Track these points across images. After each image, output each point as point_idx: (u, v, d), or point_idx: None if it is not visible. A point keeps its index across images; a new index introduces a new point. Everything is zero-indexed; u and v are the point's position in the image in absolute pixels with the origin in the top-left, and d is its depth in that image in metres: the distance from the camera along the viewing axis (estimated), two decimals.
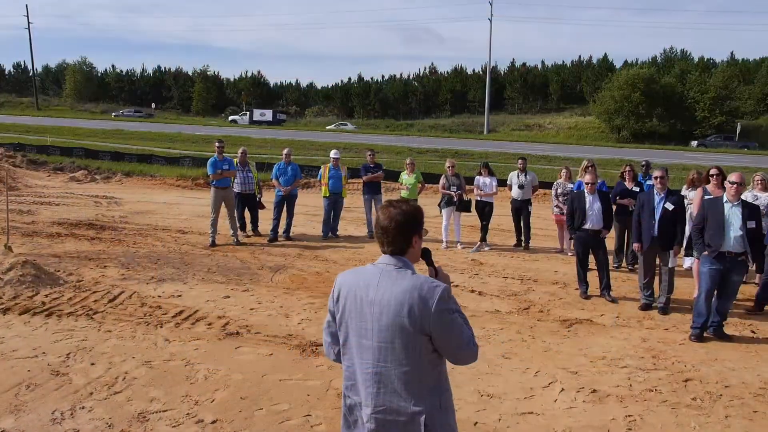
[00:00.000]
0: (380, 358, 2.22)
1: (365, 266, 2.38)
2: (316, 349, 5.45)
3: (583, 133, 57.40)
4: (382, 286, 2.22)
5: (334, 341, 2.43)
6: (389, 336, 2.19)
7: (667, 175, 6.90)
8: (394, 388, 2.21)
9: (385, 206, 2.33)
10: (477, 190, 10.32)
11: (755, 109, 56.81)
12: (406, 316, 2.16)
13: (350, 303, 2.29)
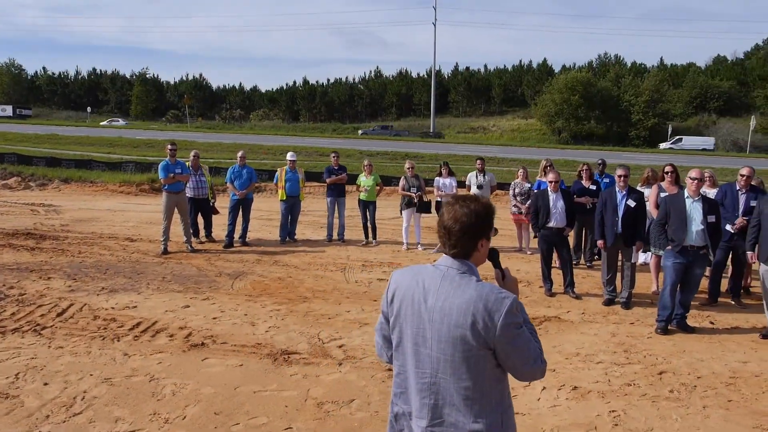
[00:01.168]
0: (439, 369, 2.03)
1: (423, 266, 2.18)
2: (288, 358, 5.23)
3: (526, 135, 58.97)
4: (444, 292, 2.03)
5: (386, 344, 2.24)
6: (449, 348, 2.00)
7: (629, 173, 7.03)
8: (453, 402, 2.03)
9: (451, 203, 2.12)
10: (437, 190, 10.29)
11: (684, 111, 59.85)
12: (469, 329, 1.96)
13: (406, 306, 2.10)
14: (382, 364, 5.11)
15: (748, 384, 4.85)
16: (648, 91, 56.54)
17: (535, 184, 9.31)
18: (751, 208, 6.88)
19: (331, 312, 6.65)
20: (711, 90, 62.07)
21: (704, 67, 72.83)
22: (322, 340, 5.72)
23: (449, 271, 2.07)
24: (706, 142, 49.38)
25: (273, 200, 16.37)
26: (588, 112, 56.97)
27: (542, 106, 58.07)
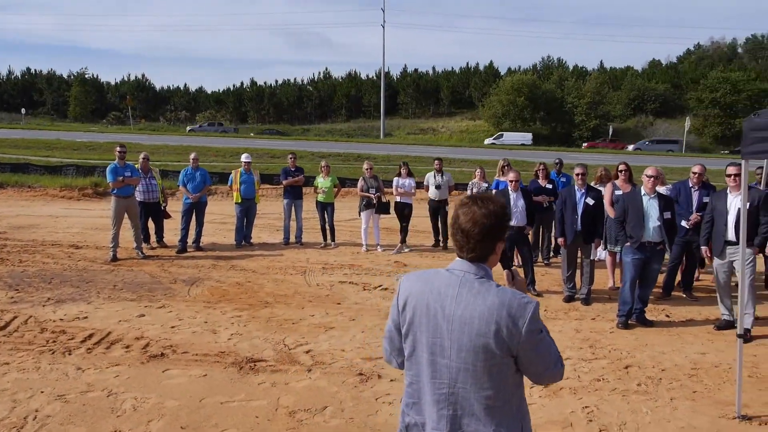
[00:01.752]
0: (458, 379, 1.93)
1: (436, 271, 2.05)
2: (254, 366, 5.04)
3: (474, 136, 59.84)
4: (463, 299, 1.92)
5: (396, 351, 2.13)
6: (470, 357, 1.90)
7: (587, 172, 7.17)
8: (473, 411, 1.93)
9: (467, 204, 1.99)
10: (396, 191, 10.24)
11: (623, 112, 62.12)
12: (493, 337, 1.86)
13: (420, 315, 1.99)
14: (352, 369, 5.01)
15: (709, 375, 5.00)
16: (590, 93, 58.37)
17: (493, 183, 9.39)
18: (704, 204, 7.14)
19: (295, 317, 6.49)
20: (648, 92, 64.68)
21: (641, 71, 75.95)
22: (288, 346, 5.56)
23: (466, 276, 1.95)
24: (525, 138, 50.76)
25: (225, 203, 15.98)
26: (533, 114, 58.35)
27: (489, 107, 59.10)
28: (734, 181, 5.94)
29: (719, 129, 56.64)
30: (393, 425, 4.04)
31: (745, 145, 3.93)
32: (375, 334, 5.92)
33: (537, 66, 74.38)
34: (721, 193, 6.19)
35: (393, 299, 2.12)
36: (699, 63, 74.66)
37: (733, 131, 56.51)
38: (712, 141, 57.13)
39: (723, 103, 56.31)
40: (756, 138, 3.79)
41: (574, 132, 58.70)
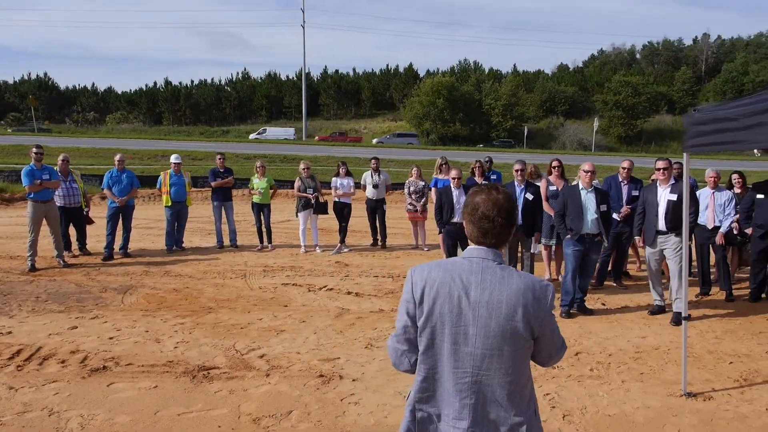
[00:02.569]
0: (482, 366, 1.92)
1: (452, 260, 2.02)
2: (208, 374, 4.82)
3: None
4: (488, 285, 1.91)
5: (411, 349, 2.04)
6: (497, 342, 1.90)
7: (525, 168, 7.40)
8: (495, 398, 1.93)
9: (485, 191, 2.01)
10: (335, 191, 10.15)
11: (536, 114, 64.99)
12: (521, 321, 1.88)
13: (442, 304, 1.94)
14: (311, 372, 4.89)
15: (652, 357, 5.29)
16: (505, 95, 60.67)
17: (432, 181, 9.50)
18: (632, 197, 7.57)
19: (242, 321, 6.26)
20: (558, 95, 68.05)
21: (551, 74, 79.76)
22: (240, 352, 5.35)
23: (487, 263, 1.96)
24: (287, 133, 51.31)
25: (150, 207, 15.25)
26: (453, 115, 59.83)
27: (410, 108, 60.00)
28: (663, 174, 6.33)
29: (623, 129, 60.53)
30: (362, 425, 3.99)
31: (687, 140, 4.18)
32: (328, 336, 5.82)
33: (455, 68, 76.30)
34: (651, 186, 6.58)
35: (405, 295, 2.04)
36: (603, 67, 79.37)
37: (635, 131, 60.64)
38: (616, 140, 60.89)
39: (625, 105, 60.19)
40: (697, 132, 4.05)
41: (492, 132, 60.75)
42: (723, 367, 5.07)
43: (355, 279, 8.22)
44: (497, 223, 1.96)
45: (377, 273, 8.57)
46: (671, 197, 6.25)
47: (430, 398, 2.01)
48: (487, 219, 1.96)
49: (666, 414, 4.17)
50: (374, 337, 5.82)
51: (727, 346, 5.59)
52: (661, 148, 57.03)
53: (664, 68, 78.19)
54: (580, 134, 59.71)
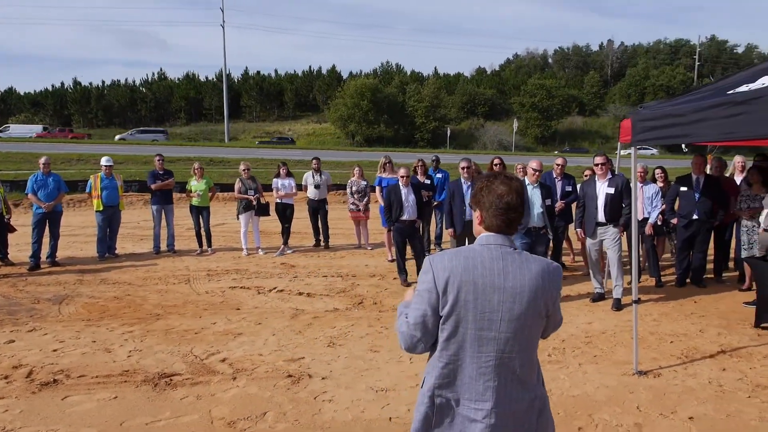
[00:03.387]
0: (506, 348, 1.98)
1: (469, 248, 2.05)
2: (170, 380, 4.64)
3: (321, 139, 60.36)
4: (510, 271, 1.97)
5: (426, 337, 2.04)
6: (520, 325, 1.97)
7: (472, 165, 7.63)
8: (514, 378, 2.00)
9: (504, 181, 2.04)
10: (276, 192, 10.01)
11: (458, 115, 66.73)
12: (542, 301, 1.98)
13: (467, 292, 1.96)
14: (279, 372, 4.83)
15: (601, 340, 5.62)
16: (428, 97, 61.88)
17: (375, 180, 9.58)
18: (566, 192, 7.98)
19: (195, 326, 6.07)
20: (477, 97, 70.26)
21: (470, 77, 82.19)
22: (199, 357, 5.19)
23: (504, 249, 2.02)
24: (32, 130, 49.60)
25: (71, 213, 14.39)
26: (377, 117, 60.34)
27: (335, 110, 59.94)
28: (601, 169, 6.73)
29: (539, 130, 63.35)
30: (341, 422, 3.99)
31: (635, 134, 4.49)
32: (288, 336, 5.76)
33: (378, 71, 76.98)
34: (590, 180, 6.97)
35: (425, 285, 2.03)
36: (518, 71, 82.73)
37: (550, 132, 63.63)
38: (533, 141, 63.63)
39: (541, 107, 63.03)
40: (645, 127, 4.36)
41: (416, 134, 61.77)
42: (666, 346, 5.46)
43: (305, 280, 8.15)
44: (519, 213, 2.05)
45: (325, 273, 8.54)
46: (609, 190, 6.66)
47: (450, 384, 2.05)
48: (513, 210, 2.03)
49: (623, 391, 4.45)
50: (335, 335, 5.81)
51: (665, 327, 6.03)
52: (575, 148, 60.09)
53: (574, 72, 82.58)
54: (499, 135, 61.89)
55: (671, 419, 3.97)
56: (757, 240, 6.78)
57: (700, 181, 7.42)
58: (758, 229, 6.74)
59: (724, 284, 7.82)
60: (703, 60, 75.49)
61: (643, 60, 76.58)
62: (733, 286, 7.68)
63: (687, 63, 74.50)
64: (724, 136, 3.58)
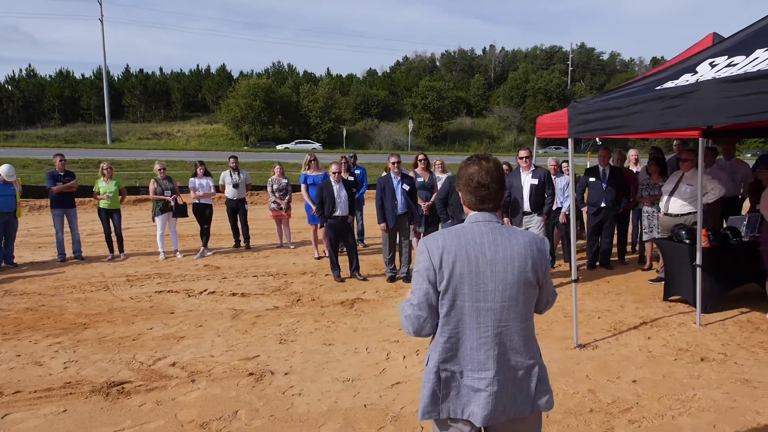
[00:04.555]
0: (502, 318, 2.08)
1: (460, 227, 2.15)
2: (122, 389, 4.38)
3: (214, 140, 58.28)
4: (499, 243, 2.09)
5: (431, 315, 2.11)
6: (514, 294, 2.08)
7: (401, 160, 7.82)
8: (513, 345, 2.10)
9: (476, 162, 2.15)
10: (194, 192, 9.62)
11: (352, 116, 67.26)
12: (530, 270, 2.09)
13: (461, 266, 2.05)
14: (238, 371, 4.72)
15: (538, 319, 5.97)
16: (322, 98, 61.77)
17: (300, 178, 9.50)
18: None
19: (130, 333, 5.74)
20: (371, 98, 71.24)
21: (362, 78, 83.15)
22: (145, 363, 4.93)
23: (491, 225, 2.14)
24: None
25: None
26: (272, 117, 59.34)
27: (227, 111, 58.15)
28: (525, 162, 7.19)
29: (431, 130, 65.44)
30: (316, 413, 3.99)
31: (572, 127, 4.88)
32: (235, 336, 5.61)
33: (269, 71, 75.66)
34: (515, 172, 7.41)
35: (421, 264, 2.11)
36: (408, 73, 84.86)
37: (441, 132, 65.95)
38: (426, 141, 65.60)
39: (432, 108, 65.13)
40: (581, 120, 4.75)
41: (312, 135, 61.46)
42: (595, 322, 5.97)
43: (235, 280, 7.93)
44: (492, 189, 2.16)
45: (255, 273, 8.37)
46: (533, 182, 7.14)
47: (453, 357, 2.14)
48: (483, 187, 2.15)
49: (570, 363, 4.83)
50: (283, 332, 5.75)
51: (589, 305, 6.58)
52: (464, 147, 62.84)
53: (461, 75, 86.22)
54: (393, 135, 63.19)
55: (618, 383, 4.38)
56: (658, 223, 7.57)
57: (606, 172, 8.15)
58: (658, 213, 7.52)
59: (627, 265, 8.63)
60: (575, 65, 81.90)
61: (523, 64, 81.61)
62: (635, 267, 8.50)
63: (561, 68, 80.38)
64: (661, 126, 4.02)
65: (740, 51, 4.14)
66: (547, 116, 8.01)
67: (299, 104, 61.83)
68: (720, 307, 6.23)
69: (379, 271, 8.40)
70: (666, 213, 7.14)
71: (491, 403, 2.08)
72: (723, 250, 6.16)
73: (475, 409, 2.10)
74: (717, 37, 7.00)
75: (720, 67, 4.08)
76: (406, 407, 4.06)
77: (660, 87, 4.28)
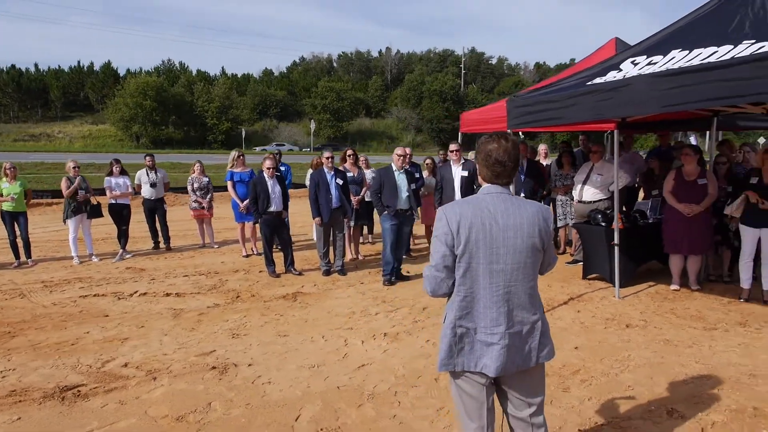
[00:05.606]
0: (511, 278, 2.33)
1: (474, 197, 2.37)
2: (78, 392, 4.18)
3: (101, 142, 54.82)
4: (511, 212, 2.33)
5: (448, 275, 2.33)
6: (523, 257, 2.33)
7: (333, 155, 7.94)
8: (521, 302, 2.35)
9: (496, 140, 2.37)
10: (110, 192, 9.13)
11: (251, 117, 65.93)
12: (537, 237, 2.34)
13: (477, 231, 2.28)
14: (199, 366, 4.65)
15: None
16: (218, 97, 59.98)
17: (227, 175, 9.31)
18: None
19: (66, 338, 5.43)
20: (269, 98, 70.21)
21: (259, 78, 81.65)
22: (94, 366, 4.71)
23: (503, 196, 2.39)
24: None
25: None
26: (165, 117, 56.74)
27: (115, 110, 54.89)
28: (456, 155, 7.58)
29: (332, 131, 65.63)
30: (292, 398, 4.06)
31: (511, 119, 5.28)
32: (183, 335, 5.49)
33: (160, 69, 72.18)
34: (446, 165, 7.78)
35: (440, 230, 2.32)
36: (306, 73, 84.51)
37: (342, 132, 66.32)
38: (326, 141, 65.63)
39: (332, 109, 65.36)
40: (520, 113, 5.16)
41: (208, 135, 59.49)
42: None
43: (165, 281, 7.66)
44: (508, 167, 2.41)
45: (185, 273, 8.12)
46: (463, 173, 7.54)
47: (468, 314, 2.38)
48: (500, 164, 2.40)
49: None
50: (233, 327, 5.69)
51: None
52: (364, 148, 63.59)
53: (359, 76, 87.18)
54: (294, 136, 62.72)
55: (563, 351, 4.82)
56: (572, 211, 8.27)
57: (524, 165, 8.75)
58: (572, 201, 8.22)
59: None
60: (467, 68, 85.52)
61: (419, 67, 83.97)
62: None
63: (454, 71, 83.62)
64: (596, 117, 4.50)
65: (657, 51, 4.72)
66: (472, 112, 8.49)
67: (194, 104, 59.62)
68: (632, 282, 6.96)
69: (312, 266, 8.46)
70: (580, 200, 7.82)
71: (503, 356, 2.32)
72: (634, 231, 6.89)
73: (488, 361, 2.33)
74: (619, 42, 7.79)
75: (642, 65, 4.63)
76: (378, 386, 4.23)
77: (590, 83, 4.77)
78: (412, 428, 3.59)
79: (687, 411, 3.73)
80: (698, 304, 6.18)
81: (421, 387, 4.20)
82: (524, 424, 2.48)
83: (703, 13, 4.74)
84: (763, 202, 5.80)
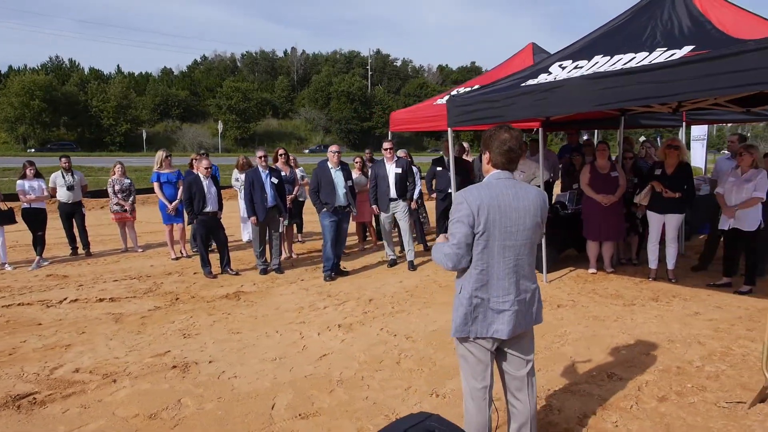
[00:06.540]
0: (520, 253, 2.68)
1: (486, 183, 2.70)
2: (34, 399, 4.02)
3: None
4: (520, 195, 2.67)
5: (467, 252, 2.64)
6: (529, 234, 2.68)
7: (268, 155, 7.96)
8: (524, 273, 2.72)
9: (508, 130, 2.71)
10: (24, 196, 8.57)
11: (151, 117, 63.00)
12: (539, 216, 2.71)
13: (494, 213, 2.59)
14: (158, 367, 4.60)
15: (419, 292, 6.72)
16: (115, 97, 56.78)
17: (153, 176, 9.02)
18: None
19: (1, 348, 5.14)
20: (171, 98, 67.38)
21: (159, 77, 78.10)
22: (42, 374, 4.53)
23: (511, 181, 2.74)
24: None
25: None
26: (55, 118, 52.95)
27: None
28: (390, 153, 7.86)
29: (238, 132, 64.07)
30: (263, 389, 4.15)
31: (451, 117, 5.63)
32: (129, 338, 5.36)
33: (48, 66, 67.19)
34: (380, 163, 8.03)
35: (461, 212, 2.62)
36: (209, 73, 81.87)
37: (249, 134, 64.91)
38: (233, 142, 64.06)
39: (238, 110, 63.79)
40: (460, 112, 5.52)
41: (105, 137, 56.21)
42: None
43: (95, 287, 7.35)
44: (517, 154, 2.77)
45: (114, 278, 7.81)
46: (397, 171, 7.84)
47: (483, 286, 2.71)
48: (512, 151, 2.75)
49: None
50: (182, 327, 5.63)
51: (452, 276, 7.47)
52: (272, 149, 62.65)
53: (264, 76, 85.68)
54: (199, 137, 60.59)
55: None
56: None
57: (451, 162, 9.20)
58: None
59: None
60: (373, 70, 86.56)
61: (326, 67, 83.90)
62: None
63: (361, 72, 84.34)
64: (534, 114, 4.93)
65: (581, 56, 5.25)
66: (402, 111, 8.83)
67: (88, 104, 56.08)
68: (555, 267, 7.57)
69: (246, 266, 8.43)
70: None
71: (513, 320, 2.68)
72: (556, 221, 7.50)
73: (500, 326, 2.67)
74: (536, 47, 8.42)
75: (569, 68, 5.14)
76: (344, 372, 4.41)
77: (525, 84, 5.22)
78: (387, 406, 3.82)
79: (623, 373, 4.24)
80: (615, 284, 6.87)
81: (386, 370, 4.43)
82: (520, 383, 2.83)
83: (618, 23, 5.34)
84: (666, 191, 6.56)
